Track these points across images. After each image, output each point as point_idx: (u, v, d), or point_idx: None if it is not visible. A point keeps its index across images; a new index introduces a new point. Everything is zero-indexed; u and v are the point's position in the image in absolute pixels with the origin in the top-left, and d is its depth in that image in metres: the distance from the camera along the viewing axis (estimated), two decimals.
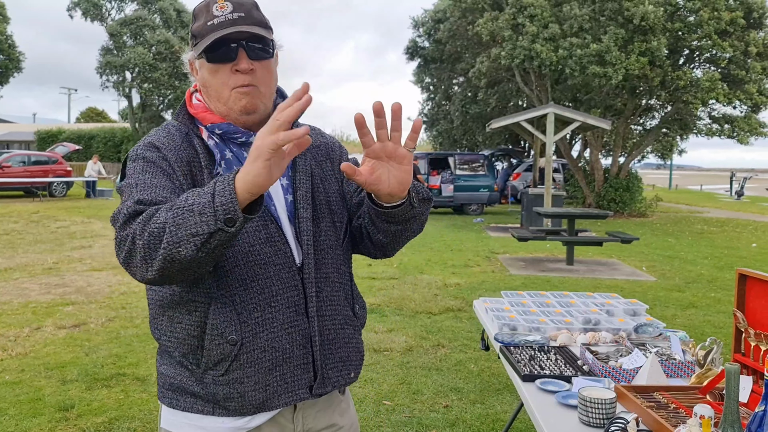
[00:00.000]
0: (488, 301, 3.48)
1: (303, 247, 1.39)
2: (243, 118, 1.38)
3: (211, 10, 1.35)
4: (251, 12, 1.37)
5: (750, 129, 16.48)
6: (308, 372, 1.38)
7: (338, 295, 1.46)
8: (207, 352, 1.32)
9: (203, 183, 1.34)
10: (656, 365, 2.27)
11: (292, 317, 1.36)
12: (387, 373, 4.63)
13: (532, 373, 2.37)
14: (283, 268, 1.35)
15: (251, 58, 1.35)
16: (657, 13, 15.00)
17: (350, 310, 1.51)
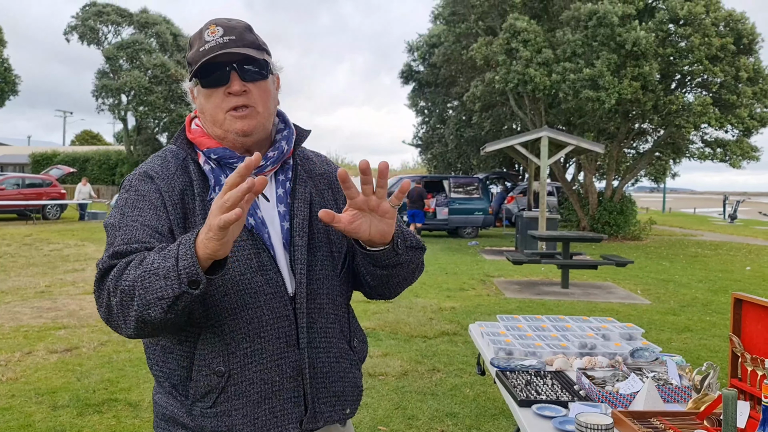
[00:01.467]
0: (484, 325, 3.47)
1: (296, 276, 1.36)
2: (241, 140, 1.37)
3: (203, 36, 1.35)
4: (243, 35, 1.36)
5: (742, 153, 16.63)
6: (299, 406, 1.34)
7: (333, 327, 1.42)
8: (194, 383, 1.30)
9: (194, 211, 1.34)
10: (653, 390, 2.26)
11: (282, 348, 1.32)
12: (382, 397, 4.59)
13: (528, 398, 2.35)
14: (274, 298, 1.32)
15: (244, 79, 1.34)
16: (649, 38, 15.20)
17: (346, 344, 1.46)
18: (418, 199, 16.65)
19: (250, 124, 1.35)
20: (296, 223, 1.40)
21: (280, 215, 1.40)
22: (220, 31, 1.35)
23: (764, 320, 2.15)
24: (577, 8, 15.89)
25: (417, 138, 32.08)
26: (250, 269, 1.31)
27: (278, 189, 1.42)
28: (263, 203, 1.39)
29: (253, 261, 1.32)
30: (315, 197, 1.47)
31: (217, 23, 1.37)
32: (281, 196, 1.42)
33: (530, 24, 16.50)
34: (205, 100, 1.37)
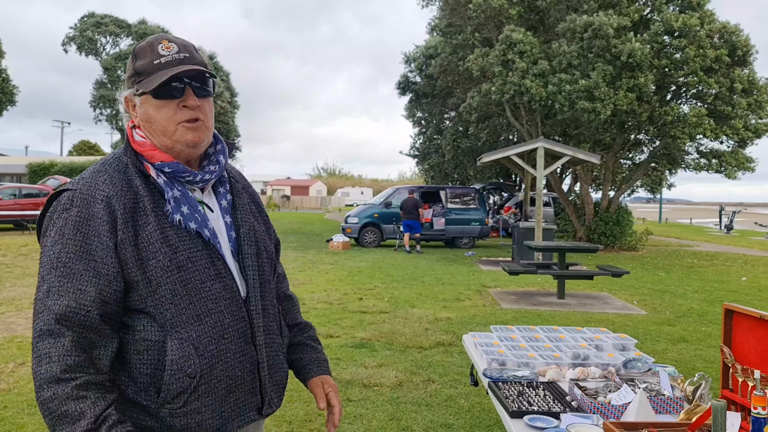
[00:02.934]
0: (477, 336, 3.47)
1: (249, 281, 1.49)
2: (188, 151, 1.46)
3: (157, 50, 1.43)
4: (194, 54, 1.46)
5: (737, 164, 16.67)
6: (256, 396, 1.49)
7: (273, 325, 1.59)
8: (166, 386, 1.36)
9: (147, 227, 1.38)
10: (645, 401, 2.26)
11: (242, 347, 1.45)
12: (377, 408, 4.57)
13: (520, 409, 2.35)
14: (232, 302, 1.44)
15: (197, 95, 1.44)
16: (644, 50, 15.29)
17: (281, 338, 1.63)
18: (413, 209, 16.58)
19: (199, 137, 1.45)
20: (243, 232, 1.53)
21: (227, 225, 1.52)
22: (174, 47, 1.44)
23: (755, 331, 2.16)
24: (572, 20, 15.99)
25: (414, 148, 32.17)
26: (209, 277, 1.42)
27: (221, 201, 1.54)
28: (209, 214, 1.49)
29: (211, 270, 1.42)
30: (248, 208, 1.62)
31: (170, 39, 1.45)
32: (225, 207, 1.54)
33: (526, 36, 16.59)
34: (155, 110, 1.43)
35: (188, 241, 1.41)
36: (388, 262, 14.08)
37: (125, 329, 1.39)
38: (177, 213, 1.41)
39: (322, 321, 7.54)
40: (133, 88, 1.45)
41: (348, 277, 11.55)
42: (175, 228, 1.41)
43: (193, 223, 1.42)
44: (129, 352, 1.38)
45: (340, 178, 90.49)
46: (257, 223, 1.62)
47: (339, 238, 17.49)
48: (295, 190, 74.93)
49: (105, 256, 1.34)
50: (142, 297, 1.37)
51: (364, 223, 18.42)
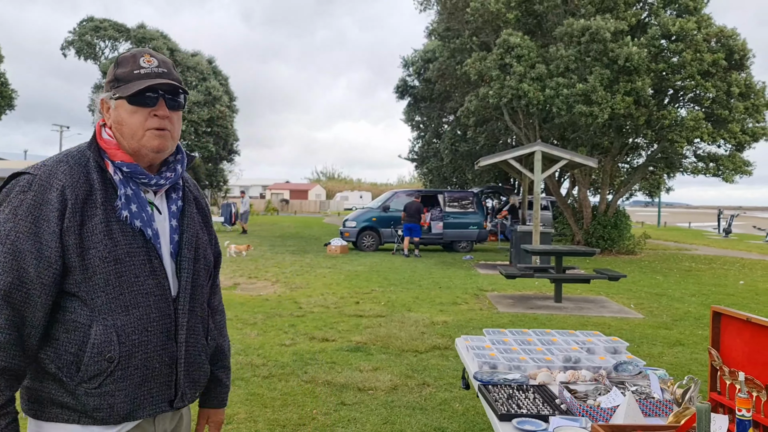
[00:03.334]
0: (469, 339, 3.47)
1: (182, 282, 1.61)
2: (151, 156, 1.59)
3: (138, 62, 1.57)
4: (171, 70, 1.61)
5: (734, 167, 16.68)
6: (170, 389, 1.59)
7: (199, 327, 1.69)
8: (85, 367, 1.47)
9: (94, 218, 1.49)
10: (633, 404, 2.26)
11: (164, 341, 1.56)
12: (371, 412, 4.56)
13: (509, 412, 2.35)
14: (161, 299, 1.55)
15: (168, 107, 1.58)
16: (641, 54, 15.32)
17: (205, 340, 1.74)
18: (416, 213, 16.68)
19: (164, 144, 1.58)
20: (186, 237, 1.65)
21: (172, 228, 1.64)
22: (155, 62, 1.59)
23: (743, 333, 2.16)
24: (570, 24, 16.02)
25: (413, 152, 32.19)
26: (144, 273, 1.53)
27: (171, 205, 1.67)
28: (156, 215, 1.61)
29: (147, 266, 1.54)
30: (196, 217, 1.73)
31: (152, 54, 1.60)
32: (174, 212, 1.66)
33: (524, 40, 16.61)
34: (128, 115, 1.56)
35: (130, 237, 1.52)
36: (386, 266, 14.07)
37: (58, 309, 1.50)
38: (125, 210, 1.53)
39: (318, 325, 7.53)
40: (111, 92, 1.59)
41: (345, 281, 11.54)
42: (120, 223, 1.52)
43: (138, 221, 1.54)
44: (58, 331, 1.50)
45: (339, 182, 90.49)
46: (201, 232, 1.73)
47: (337, 242, 17.48)
48: (294, 194, 74.90)
49: (50, 241, 1.45)
50: (77, 282, 1.48)
51: (362, 227, 18.43)
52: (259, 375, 5.40)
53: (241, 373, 5.45)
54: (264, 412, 4.52)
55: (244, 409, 4.55)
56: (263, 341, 6.64)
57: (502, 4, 16.81)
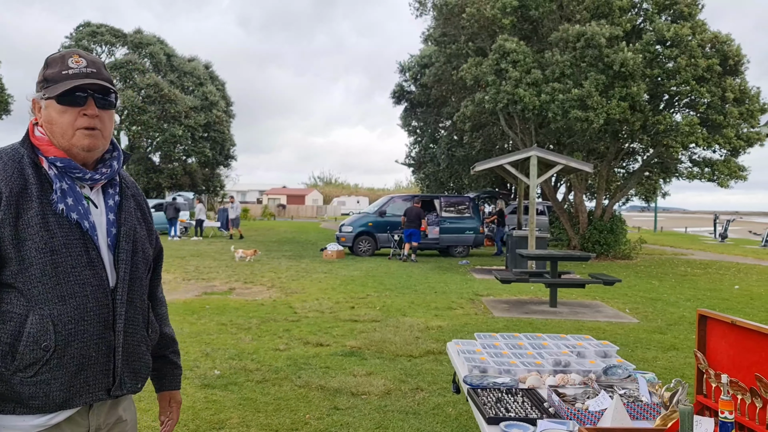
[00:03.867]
0: (460, 343, 3.47)
1: (120, 274, 1.64)
2: (83, 155, 1.63)
3: (67, 62, 1.61)
4: (101, 70, 1.65)
5: (730, 172, 16.72)
6: (108, 377, 1.61)
7: (138, 318, 1.72)
8: (20, 356, 1.50)
9: (29, 211, 1.53)
10: (621, 407, 2.26)
11: (101, 331, 1.58)
12: (363, 417, 4.56)
13: (497, 415, 2.36)
14: (99, 289, 1.58)
15: (98, 106, 1.62)
16: (636, 59, 15.37)
17: (146, 331, 1.77)
18: (416, 218, 16.84)
19: (94, 143, 1.62)
20: (124, 230, 1.69)
21: (109, 222, 1.68)
22: (83, 62, 1.62)
23: (728, 336, 2.17)
24: (565, 30, 16.08)
25: (410, 157, 32.22)
26: (80, 264, 1.57)
27: (108, 200, 1.71)
28: (93, 209, 1.65)
29: (84, 257, 1.57)
30: (134, 212, 1.78)
31: (80, 54, 1.64)
32: (111, 206, 1.70)
33: (519, 45, 16.67)
34: (57, 114, 1.60)
35: (67, 230, 1.56)
36: (382, 271, 14.07)
37: None
38: (61, 203, 1.57)
39: (312, 330, 7.53)
40: (41, 92, 1.63)
41: (341, 285, 11.54)
42: (57, 216, 1.56)
43: (74, 214, 1.58)
44: None
45: (337, 187, 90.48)
46: (139, 227, 1.77)
47: (333, 246, 17.48)
48: (291, 200, 74.86)
49: None
50: (13, 273, 1.51)
51: (359, 232, 18.43)
52: (253, 380, 5.40)
53: (235, 377, 5.45)
54: (257, 416, 4.51)
55: (236, 414, 4.54)
56: (257, 346, 6.63)
57: (497, 10, 16.88)
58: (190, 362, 5.92)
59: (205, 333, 7.22)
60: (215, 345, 6.63)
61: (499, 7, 16.83)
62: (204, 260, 15.81)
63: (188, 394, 4.99)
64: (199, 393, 5.01)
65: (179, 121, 32.41)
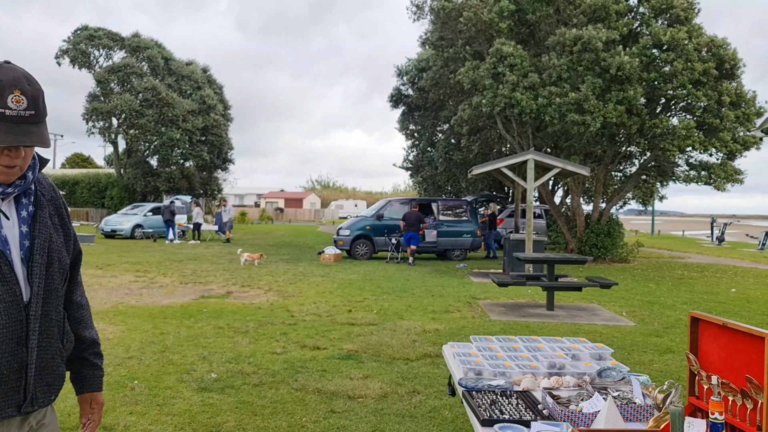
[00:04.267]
0: (456, 346, 3.49)
1: (33, 288, 1.61)
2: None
3: (6, 100, 1.50)
4: (39, 106, 1.56)
5: (726, 176, 16.78)
6: (19, 393, 1.59)
7: (53, 330, 1.70)
8: None
9: None
10: (614, 409, 2.28)
11: (14, 347, 1.56)
12: (360, 420, 4.57)
13: (491, 417, 2.37)
14: (12, 305, 1.56)
15: (25, 147, 1.56)
16: (633, 63, 15.43)
17: (60, 343, 1.75)
18: (415, 222, 17.10)
19: (9, 180, 1.59)
20: (38, 243, 1.64)
21: (22, 234, 1.63)
22: (24, 102, 1.52)
23: (719, 338, 2.18)
24: (562, 34, 16.14)
25: (407, 161, 32.26)
26: None
27: (21, 211, 1.65)
28: (4, 222, 1.61)
29: None
30: (49, 221, 1.72)
31: (23, 91, 1.53)
32: (24, 217, 1.65)
33: (516, 49, 16.72)
34: None
35: None
36: (379, 275, 14.08)
37: None
38: None
39: (309, 333, 7.53)
40: None
41: (338, 289, 11.55)
42: None
43: None
44: None
45: (334, 190, 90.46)
46: (56, 234, 1.73)
47: (331, 250, 17.49)
48: (289, 203, 74.86)
49: None
50: None
51: (356, 236, 18.45)
52: (250, 383, 5.40)
53: (232, 381, 5.45)
54: (253, 420, 4.52)
55: (233, 417, 4.55)
56: (254, 349, 6.64)
57: (494, 14, 16.93)
58: (187, 365, 5.93)
59: (202, 336, 7.22)
60: (212, 348, 6.64)
61: (496, 11, 16.89)
62: (201, 264, 15.81)
63: (185, 397, 4.99)
64: (195, 396, 5.02)
65: (177, 124, 32.42)
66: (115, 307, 9.11)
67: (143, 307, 9.13)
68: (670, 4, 16.45)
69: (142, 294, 10.47)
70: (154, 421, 4.47)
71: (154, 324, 7.87)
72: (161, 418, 4.53)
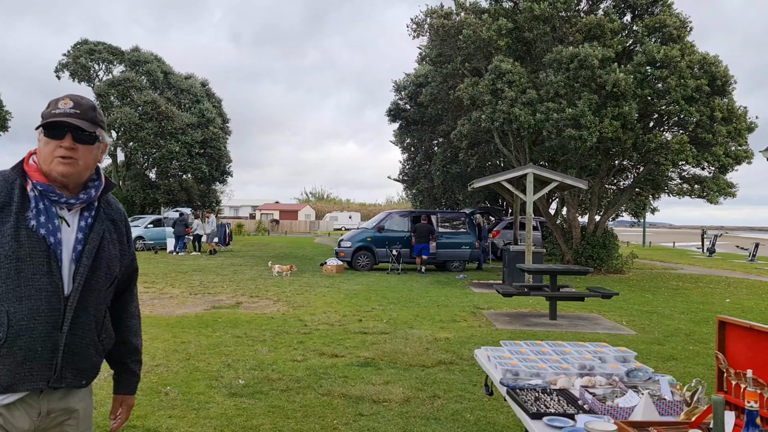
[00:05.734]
0: (490, 350, 3.75)
1: (75, 284, 1.90)
2: (60, 179, 1.91)
3: (58, 104, 1.93)
4: (86, 111, 1.94)
5: (719, 189, 17.21)
6: (50, 371, 1.86)
7: (90, 324, 1.96)
8: None
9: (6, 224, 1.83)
10: (650, 404, 2.55)
11: (49, 330, 1.84)
12: (388, 422, 4.81)
13: (539, 411, 2.64)
14: (53, 295, 1.85)
15: (75, 140, 1.90)
16: (627, 80, 15.86)
17: (97, 337, 2.00)
18: (426, 234, 18.11)
19: (68, 170, 1.90)
20: (87, 248, 1.95)
21: (77, 240, 1.94)
22: (71, 104, 1.93)
23: (745, 339, 2.47)
24: (558, 51, 16.56)
25: (403, 173, 32.62)
26: (40, 272, 1.85)
27: (81, 222, 1.97)
28: (64, 227, 1.92)
29: (44, 267, 1.85)
30: (106, 234, 2.03)
31: (71, 98, 1.95)
32: (83, 227, 1.97)
33: (514, 66, 17.13)
34: (44, 145, 1.92)
35: (35, 242, 1.85)
36: (383, 285, 14.34)
37: None
38: (34, 220, 1.85)
39: (325, 341, 7.77)
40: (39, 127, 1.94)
41: (345, 299, 11.79)
42: (28, 230, 1.85)
43: (43, 230, 1.86)
44: None
45: (329, 202, 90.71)
46: (111, 246, 2.03)
47: (333, 261, 17.74)
48: (284, 215, 74.99)
49: None
50: None
51: (357, 247, 18.71)
52: (277, 389, 5.64)
53: (260, 386, 5.68)
54: (287, 423, 4.75)
55: (268, 420, 4.78)
56: (275, 357, 6.87)
57: (493, 32, 17.35)
58: (214, 372, 6.15)
59: (222, 345, 7.45)
60: (234, 356, 6.86)
61: (494, 29, 17.31)
62: (207, 275, 16.00)
63: (218, 402, 5.22)
64: (228, 401, 5.25)
65: (176, 137, 32.63)
66: None
67: (159, 317, 9.33)
68: (663, 23, 16.94)
69: (154, 304, 10.67)
70: (194, 424, 4.69)
71: (174, 333, 8.09)
72: (200, 421, 4.76)
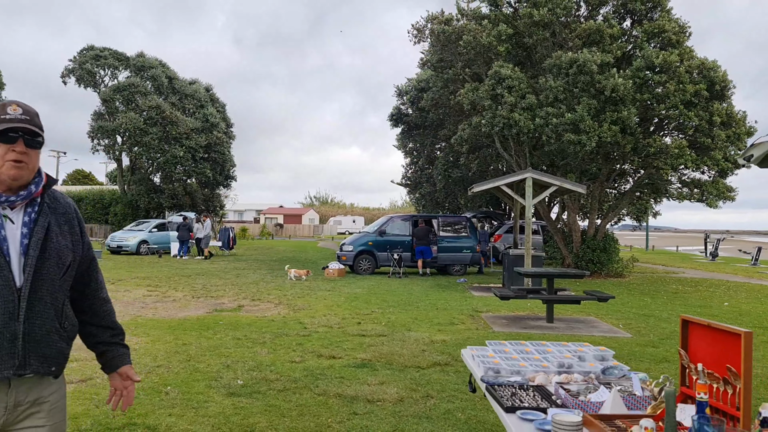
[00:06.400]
0: (474, 349, 3.91)
1: (25, 275, 2.02)
2: (9, 182, 2.03)
3: (6, 110, 2.05)
4: (34, 118, 2.09)
5: (718, 193, 17.30)
6: (14, 358, 1.98)
7: (49, 312, 2.08)
8: None
9: None
10: (618, 398, 2.71)
11: (6, 321, 1.97)
12: (381, 421, 4.97)
13: (513, 405, 2.79)
14: (5, 287, 1.99)
15: (26, 145, 2.04)
16: (626, 85, 16.00)
17: (58, 323, 2.12)
18: (425, 236, 18.28)
19: (19, 173, 2.04)
20: (33, 240, 2.07)
21: (23, 234, 2.07)
22: (20, 110, 2.06)
23: (706, 337, 2.62)
24: (558, 56, 16.72)
25: (406, 178, 32.79)
26: None
27: (25, 217, 2.10)
28: (9, 224, 2.05)
29: None
30: (53, 226, 2.15)
31: (19, 105, 2.08)
32: (27, 221, 2.09)
33: (514, 71, 17.30)
34: None
35: None
36: (383, 289, 14.49)
37: None
38: None
39: (324, 343, 7.93)
40: None
41: (345, 302, 11.95)
42: None
43: None
44: None
45: (332, 206, 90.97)
46: (61, 237, 2.16)
47: (334, 265, 17.91)
48: (288, 219, 75.29)
49: None
50: None
51: (359, 251, 18.88)
52: (274, 389, 5.80)
53: (257, 387, 5.84)
54: (283, 421, 4.91)
55: (264, 419, 4.94)
56: (274, 358, 7.03)
57: (493, 38, 17.52)
58: (213, 373, 6.32)
59: (222, 347, 7.61)
60: (234, 357, 7.03)
61: (494, 35, 17.48)
62: (210, 279, 16.19)
63: (216, 401, 5.38)
64: (226, 400, 5.41)
65: (180, 142, 32.90)
66: (134, 319, 9.49)
67: (161, 320, 9.51)
68: (662, 28, 17.08)
69: (157, 307, 10.85)
70: (193, 422, 4.85)
71: (175, 335, 8.26)
72: (198, 419, 4.92)
